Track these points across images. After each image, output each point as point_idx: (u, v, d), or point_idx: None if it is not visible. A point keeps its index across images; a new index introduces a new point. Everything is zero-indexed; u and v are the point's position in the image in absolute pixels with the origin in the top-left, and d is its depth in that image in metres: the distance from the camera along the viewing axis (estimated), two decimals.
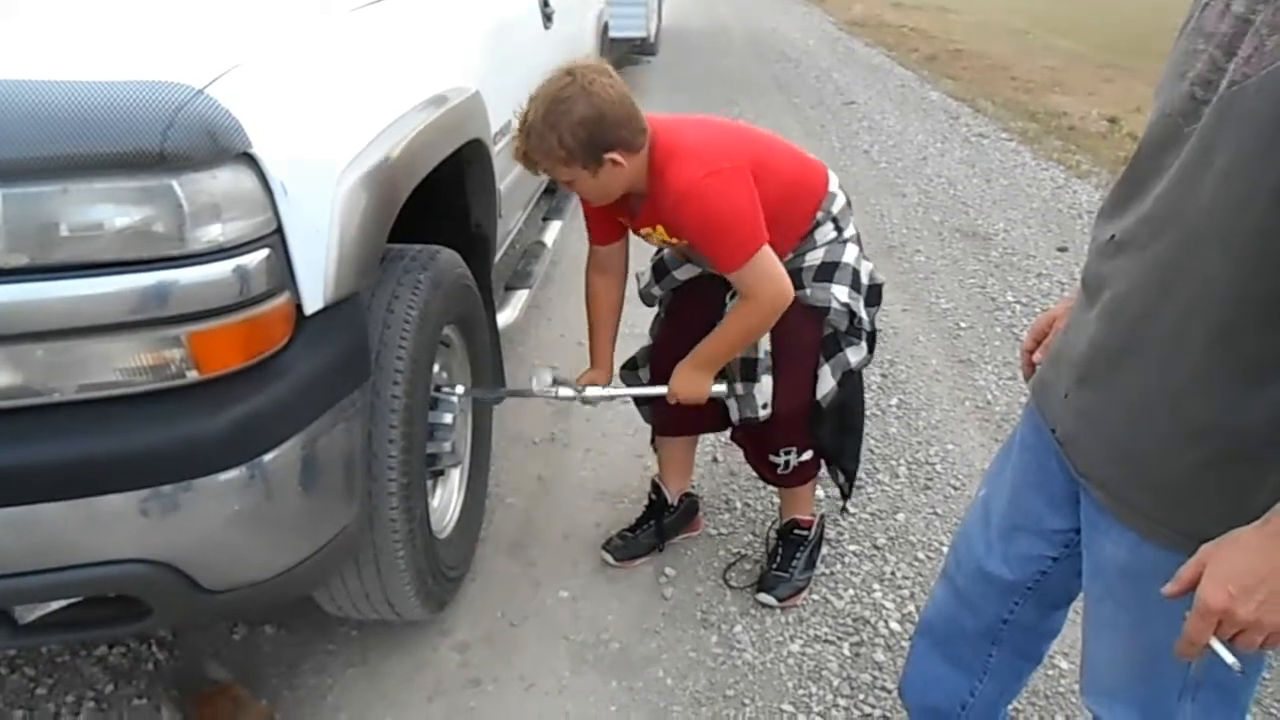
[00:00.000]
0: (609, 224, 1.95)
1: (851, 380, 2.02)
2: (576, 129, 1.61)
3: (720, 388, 1.92)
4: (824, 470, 2.15)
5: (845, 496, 2.22)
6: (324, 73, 1.53)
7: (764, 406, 1.95)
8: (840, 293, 1.90)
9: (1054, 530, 1.21)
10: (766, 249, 1.74)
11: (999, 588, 1.30)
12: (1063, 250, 4.48)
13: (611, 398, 2.06)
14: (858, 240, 1.98)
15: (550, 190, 3.71)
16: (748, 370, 1.94)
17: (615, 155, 1.65)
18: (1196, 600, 0.87)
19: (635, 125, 1.67)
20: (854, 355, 1.97)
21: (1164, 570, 0.92)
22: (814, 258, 1.92)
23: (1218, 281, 0.89)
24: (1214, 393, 0.92)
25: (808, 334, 1.95)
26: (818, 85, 8.54)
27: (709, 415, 2.12)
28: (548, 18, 3.06)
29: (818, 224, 1.91)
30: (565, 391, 2.00)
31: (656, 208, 1.76)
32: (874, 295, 2.01)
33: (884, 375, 3.20)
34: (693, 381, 1.90)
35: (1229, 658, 0.88)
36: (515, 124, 1.69)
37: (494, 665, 1.94)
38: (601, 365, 2.06)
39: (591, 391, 2.01)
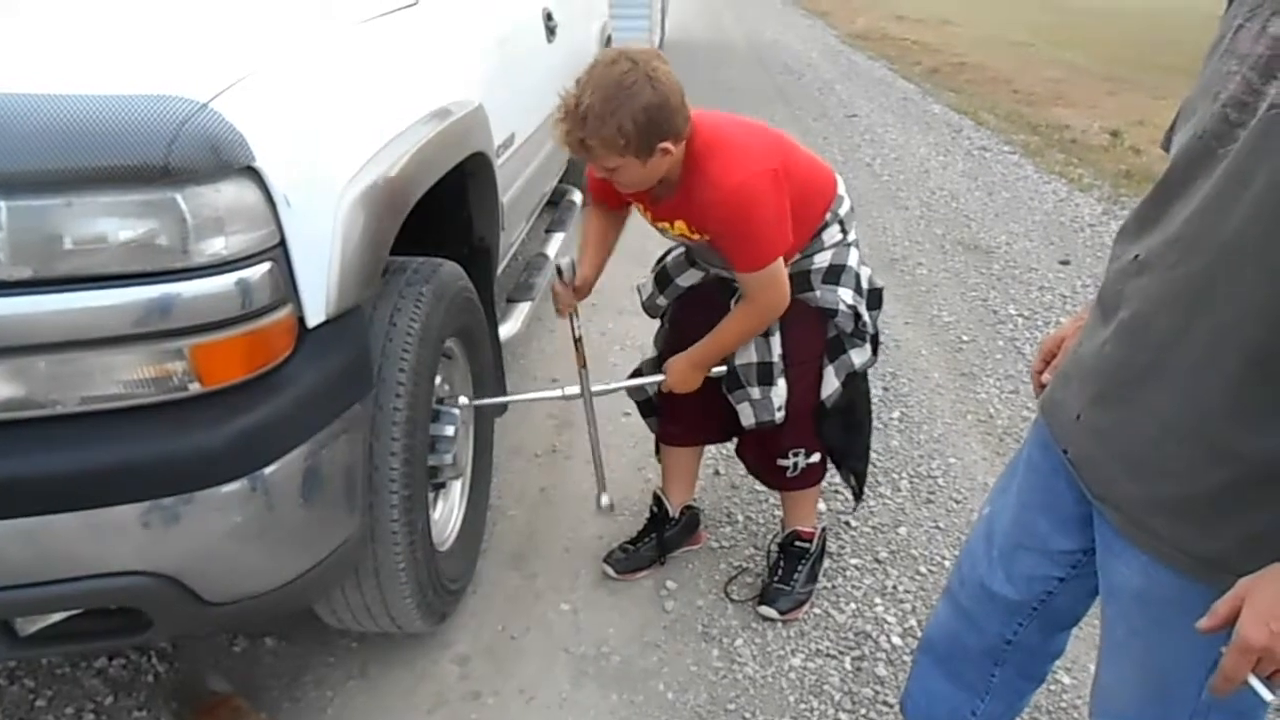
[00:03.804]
0: (617, 194, 1.89)
1: (856, 381, 2.04)
2: (639, 116, 1.56)
3: (719, 368, 1.96)
4: (829, 479, 2.14)
5: (857, 497, 2.23)
6: (328, 86, 1.53)
7: (779, 409, 1.96)
8: (846, 295, 1.92)
9: (1060, 551, 1.20)
10: (780, 258, 1.75)
11: (1002, 606, 1.29)
12: (1065, 263, 4.48)
13: (613, 390, 2.11)
14: (857, 245, 2.00)
15: (553, 203, 3.72)
16: (764, 374, 1.94)
17: (668, 144, 1.62)
18: (1236, 636, 0.85)
19: (686, 113, 1.65)
20: (858, 357, 1.99)
21: (1178, 596, 0.91)
22: (822, 260, 1.92)
23: (1251, 305, 0.87)
24: (1241, 416, 0.90)
25: (815, 336, 1.96)
26: (820, 97, 8.56)
27: (714, 426, 2.12)
28: (551, 30, 3.07)
29: (825, 225, 1.91)
30: (571, 390, 2.05)
31: (686, 201, 1.74)
32: (875, 299, 2.03)
33: (885, 388, 3.19)
34: (688, 376, 1.96)
35: (1268, 695, 0.86)
36: (560, 109, 1.61)
37: (494, 678, 1.93)
38: (588, 274, 1.99)
39: (596, 386, 2.07)
